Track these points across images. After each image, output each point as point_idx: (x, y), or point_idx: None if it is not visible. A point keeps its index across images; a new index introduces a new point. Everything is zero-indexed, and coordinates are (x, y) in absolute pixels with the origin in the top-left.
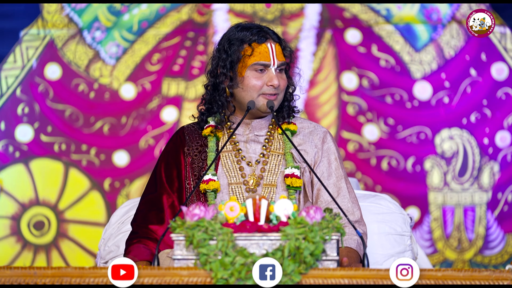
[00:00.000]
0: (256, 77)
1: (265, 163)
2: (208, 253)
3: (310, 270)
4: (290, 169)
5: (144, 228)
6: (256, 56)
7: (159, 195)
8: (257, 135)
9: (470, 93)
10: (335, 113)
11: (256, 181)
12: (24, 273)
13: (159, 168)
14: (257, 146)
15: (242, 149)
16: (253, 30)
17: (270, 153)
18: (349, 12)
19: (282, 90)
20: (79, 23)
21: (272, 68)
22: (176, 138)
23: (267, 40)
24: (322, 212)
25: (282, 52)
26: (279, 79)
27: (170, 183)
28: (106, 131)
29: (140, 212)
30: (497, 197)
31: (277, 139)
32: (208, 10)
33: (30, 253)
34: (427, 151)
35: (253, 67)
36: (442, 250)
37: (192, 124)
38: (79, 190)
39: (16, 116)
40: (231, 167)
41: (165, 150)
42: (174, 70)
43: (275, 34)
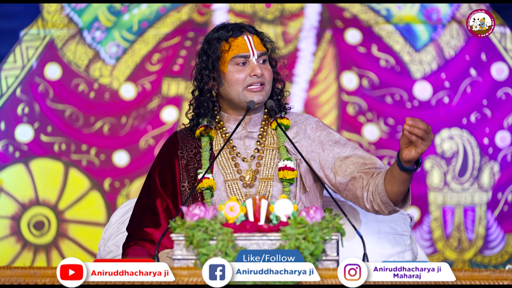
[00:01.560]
0: (238, 70)
1: (260, 158)
2: (208, 253)
3: None
4: (282, 162)
5: (140, 231)
6: (234, 49)
7: (153, 199)
8: (251, 131)
9: (470, 93)
10: (335, 113)
11: (253, 176)
12: (24, 273)
13: (153, 173)
14: (251, 142)
15: (237, 146)
16: (228, 27)
17: (265, 148)
18: (349, 12)
19: (269, 81)
20: (79, 23)
21: (253, 59)
22: (169, 142)
23: (243, 33)
24: (322, 212)
25: (261, 42)
26: (262, 69)
27: (164, 187)
28: (106, 131)
29: (135, 217)
30: (497, 197)
31: (271, 134)
32: (208, 10)
33: (30, 253)
34: (427, 151)
35: (234, 61)
36: (442, 250)
37: (184, 129)
38: (79, 190)
39: (16, 116)
40: (226, 164)
41: (158, 155)
42: (174, 70)
43: (251, 27)
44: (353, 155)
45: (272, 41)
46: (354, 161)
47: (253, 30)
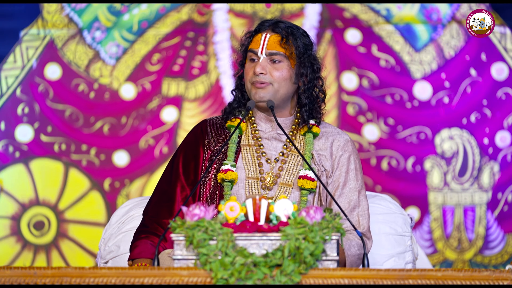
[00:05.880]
0: (248, 66)
1: (283, 162)
2: (208, 253)
3: (310, 270)
4: (304, 171)
5: (155, 223)
6: (251, 44)
7: (174, 186)
8: (280, 133)
9: (470, 93)
10: (335, 113)
11: (273, 179)
12: (24, 273)
13: (177, 159)
14: (278, 144)
15: (264, 145)
16: (264, 22)
17: (290, 153)
18: (349, 12)
19: (276, 81)
20: (79, 23)
21: (261, 57)
22: (197, 129)
23: (265, 30)
24: (322, 212)
25: (280, 42)
26: (266, 68)
27: (186, 175)
28: (106, 131)
29: (152, 204)
30: (497, 197)
31: (299, 140)
32: (208, 10)
33: (30, 253)
34: (427, 151)
35: (248, 55)
36: (442, 250)
37: (215, 118)
38: (79, 190)
39: (16, 116)
40: (250, 161)
41: (185, 140)
42: (174, 70)
43: (280, 27)
44: (347, 195)
45: (308, 45)
46: (343, 200)
47: (278, 30)
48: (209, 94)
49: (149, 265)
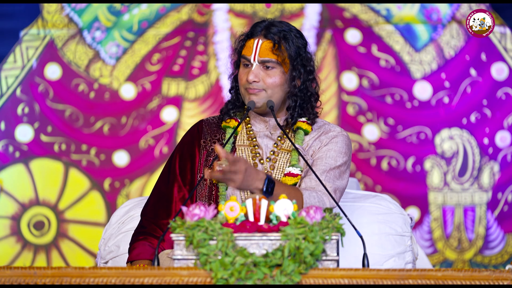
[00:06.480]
0: (242, 71)
1: (274, 161)
2: (208, 253)
3: (310, 270)
4: (288, 168)
5: (153, 224)
6: (243, 50)
7: (171, 187)
8: (272, 133)
9: (470, 93)
10: (335, 113)
11: None
12: (24, 273)
13: (174, 159)
14: (270, 142)
15: (258, 145)
16: (256, 26)
17: (280, 151)
18: (349, 12)
19: (269, 87)
20: (79, 23)
21: (254, 64)
22: (193, 129)
23: (258, 36)
24: (322, 212)
25: (272, 49)
26: (259, 75)
27: (183, 176)
28: (106, 131)
29: (150, 205)
30: (497, 197)
31: (291, 138)
32: (208, 10)
33: (30, 253)
34: (427, 151)
35: (241, 61)
36: (442, 250)
37: (212, 118)
38: (79, 190)
39: (16, 116)
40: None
41: (182, 141)
42: (174, 70)
43: (270, 32)
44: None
45: (301, 47)
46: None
47: (270, 35)
48: (209, 94)
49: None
